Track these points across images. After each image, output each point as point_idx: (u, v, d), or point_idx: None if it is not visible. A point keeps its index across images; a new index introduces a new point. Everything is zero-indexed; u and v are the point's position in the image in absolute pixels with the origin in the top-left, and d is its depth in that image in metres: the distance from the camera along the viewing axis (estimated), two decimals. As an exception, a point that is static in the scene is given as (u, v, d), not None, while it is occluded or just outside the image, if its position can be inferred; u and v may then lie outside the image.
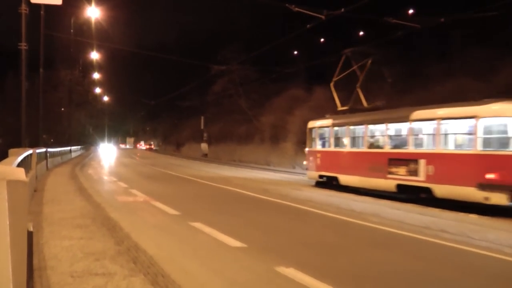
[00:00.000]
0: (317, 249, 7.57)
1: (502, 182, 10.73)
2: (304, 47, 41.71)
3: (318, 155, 18.28)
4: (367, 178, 15.27)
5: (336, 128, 17.40)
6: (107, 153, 45.01)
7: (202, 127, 57.64)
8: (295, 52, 44.50)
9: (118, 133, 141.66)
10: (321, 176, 17.97)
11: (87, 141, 77.43)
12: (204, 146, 56.26)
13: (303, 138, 22.75)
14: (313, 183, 18.75)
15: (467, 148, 11.69)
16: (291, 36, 27.42)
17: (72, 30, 42.32)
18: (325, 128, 18.03)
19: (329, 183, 17.47)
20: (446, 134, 12.54)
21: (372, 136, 15.52)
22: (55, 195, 13.59)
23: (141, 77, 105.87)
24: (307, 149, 19.18)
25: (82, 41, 43.14)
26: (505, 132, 11.27)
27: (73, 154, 44.82)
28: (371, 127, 15.55)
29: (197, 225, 9.42)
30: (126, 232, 8.30)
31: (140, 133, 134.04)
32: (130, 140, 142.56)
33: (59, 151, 35.09)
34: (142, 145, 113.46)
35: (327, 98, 33.18)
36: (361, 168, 15.56)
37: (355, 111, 17.48)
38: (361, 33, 36.85)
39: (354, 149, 16.25)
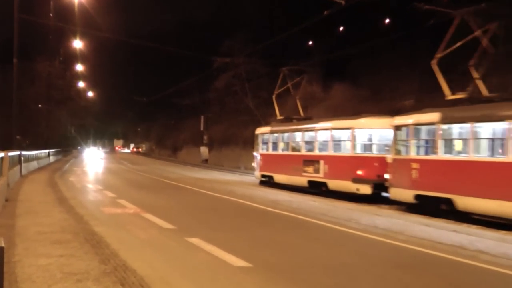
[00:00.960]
0: (332, 270, 7.59)
1: (367, 177, 17.38)
2: (321, 38, 41.74)
3: (260, 157, 24.21)
4: (290, 176, 21.40)
5: (273, 135, 23.37)
6: (92, 157, 45.24)
7: (202, 128, 57.72)
8: (310, 43, 44.57)
9: (105, 135, 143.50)
10: (263, 176, 23.90)
11: (68, 144, 78.14)
12: (204, 150, 56.41)
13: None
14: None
15: (345, 152, 18.31)
16: (306, 25, 27.33)
17: (51, 15, 42.48)
18: (266, 135, 24.15)
19: (268, 182, 23.40)
20: (335, 141, 19.07)
21: (294, 142, 21.54)
22: (30, 205, 13.65)
23: (133, 71, 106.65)
24: (254, 153, 25.29)
25: (63, 28, 43.31)
26: (370, 139, 17.94)
27: (52, 159, 45.12)
28: (294, 134, 21.54)
29: (195, 241, 9.44)
30: (113, 249, 8.31)
31: (131, 135, 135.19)
32: (119, 143, 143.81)
33: (36, 154, 35.27)
34: (122, 148, 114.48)
35: (346, 97, 33.29)
36: (287, 168, 21.57)
37: (290, 120, 23.66)
38: (387, 20, 36.86)
39: (283, 153, 22.42)
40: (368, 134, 18.37)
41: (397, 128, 15.91)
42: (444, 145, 14.05)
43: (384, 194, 17.20)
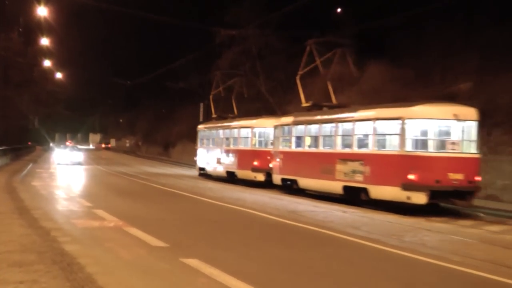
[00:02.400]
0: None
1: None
2: (353, 3, 41.57)
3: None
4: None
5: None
6: (63, 157, 45.27)
7: (201, 119, 57.80)
8: (339, 11, 44.33)
9: (80, 129, 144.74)
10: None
11: (31, 139, 78.72)
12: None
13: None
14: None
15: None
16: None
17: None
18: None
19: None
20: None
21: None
22: (-18, 217, 13.72)
23: (114, 46, 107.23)
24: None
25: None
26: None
27: (9, 158, 45.31)
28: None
29: (193, 262, 9.44)
30: (88, 273, 8.29)
31: (112, 128, 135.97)
32: (95, 137, 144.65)
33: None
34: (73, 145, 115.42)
35: (384, 80, 33.14)
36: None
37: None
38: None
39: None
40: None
41: (275, 127, 26.23)
42: (295, 140, 24.47)
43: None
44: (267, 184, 26.63)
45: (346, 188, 20.40)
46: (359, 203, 19.55)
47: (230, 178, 30.61)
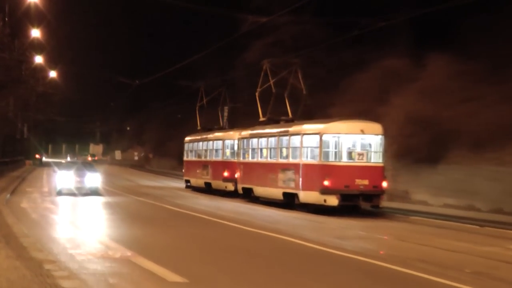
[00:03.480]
0: None
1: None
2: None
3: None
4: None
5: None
6: (67, 181, 45.48)
7: (222, 123, 57.85)
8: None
9: (78, 138, 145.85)
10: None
11: (18, 151, 79.10)
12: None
13: (408, 144, 31.58)
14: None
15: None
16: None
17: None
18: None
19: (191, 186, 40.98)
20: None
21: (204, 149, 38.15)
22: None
23: (118, 39, 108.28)
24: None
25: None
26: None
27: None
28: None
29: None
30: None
31: (115, 137, 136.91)
32: (97, 148, 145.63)
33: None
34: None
35: (450, 74, 32.74)
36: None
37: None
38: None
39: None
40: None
41: (238, 139, 33.99)
42: (250, 152, 32.01)
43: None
44: (236, 194, 33.39)
45: (284, 194, 27.61)
46: (294, 207, 26.79)
47: (207, 188, 38.10)
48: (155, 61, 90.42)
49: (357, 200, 25.06)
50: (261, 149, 31.54)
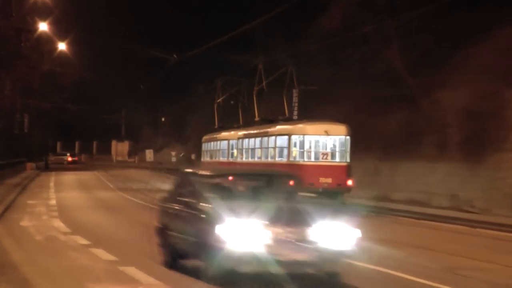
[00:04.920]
0: None
1: None
2: None
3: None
4: None
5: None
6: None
7: (290, 114, 57.90)
8: None
9: (97, 132, 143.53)
10: None
11: (19, 150, 79.22)
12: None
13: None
14: None
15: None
16: None
17: None
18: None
19: None
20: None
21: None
22: None
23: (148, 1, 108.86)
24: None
25: None
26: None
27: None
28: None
29: None
30: None
31: (145, 131, 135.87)
32: (122, 146, 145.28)
33: None
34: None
35: None
36: None
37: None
38: None
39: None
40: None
41: (237, 139, 45.34)
42: (244, 152, 44.24)
43: None
44: None
45: None
46: None
47: None
48: (200, 30, 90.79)
49: (320, 197, 34.87)
50: (251, 150, 42.72)
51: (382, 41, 47.51)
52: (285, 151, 36.56)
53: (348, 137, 36.48)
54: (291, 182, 27.96)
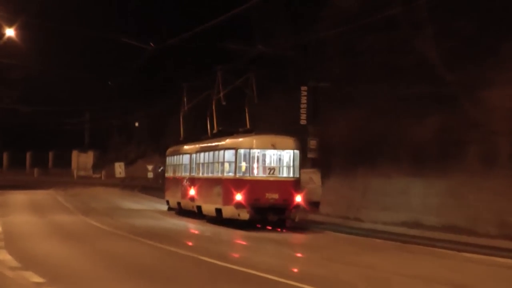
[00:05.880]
0: None
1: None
2: None
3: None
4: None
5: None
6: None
7: (302, 117, 58.06)
8: None
9: (55, 140, 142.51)
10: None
11: None
12: (311, 176, 56.77)
13: None
14: None
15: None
16: None
17: None
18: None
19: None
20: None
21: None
22: None
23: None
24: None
25: None
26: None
27: None
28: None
29: None
30: None
31: (114, 139, 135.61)
32: (85, 158, 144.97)
33: None
34: None
35: None
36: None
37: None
38: None
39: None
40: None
41: (166, 155, 65.57)
42: (201, 167, 52.19)
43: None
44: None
45: (216, 209, 45.12)
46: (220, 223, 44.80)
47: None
48: (182, 13, 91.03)
49: (267, 213, 41.60)
50: (206, 164, 49.57)
51: (412, 27, 47.51)
52: (232, 166, 43.02)
53: (297, 151, 43.11)
54: (240, 197, 41.23)
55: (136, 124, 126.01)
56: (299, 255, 31.36)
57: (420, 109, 47.02)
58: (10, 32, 64.68)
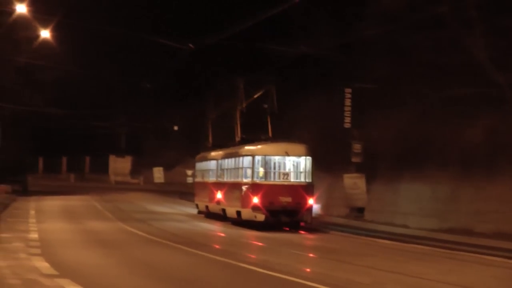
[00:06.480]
0: None
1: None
2: None
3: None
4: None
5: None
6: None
7: (347, 124, 57.99)
8: None
9: (90, 146, 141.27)
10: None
11: None
12: (354, 181, 56.73)
13: None
14: None
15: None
16: None
17: None
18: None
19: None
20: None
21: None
22: None
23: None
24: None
25: None
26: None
27: None
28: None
29: None
30: None
31: (152, 143, 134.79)
32: (122, 164, 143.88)
33: None
34: None
35: None
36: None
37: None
38: None
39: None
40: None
41: (196, 160, 72.05)
42: (215, 172, 61.78)
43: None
44: None
45: (237, 212, 50.65)
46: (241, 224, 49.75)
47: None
48: (221, 12, 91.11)
49: (281, 215, 46.76)
50: (229, 170, 55.22)
51: (460, 25, 47.24)
52: (249, 171, 48.72)
53: (308, 157, 48.20)
54: (257, 200, 46.60)
55: (175, 127, 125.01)
56: (345, 263, 30.93)
57: (469, 111, 46.77)
58: (45, 33, 64.71)
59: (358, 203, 56.91)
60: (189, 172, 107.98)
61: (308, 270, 30.51)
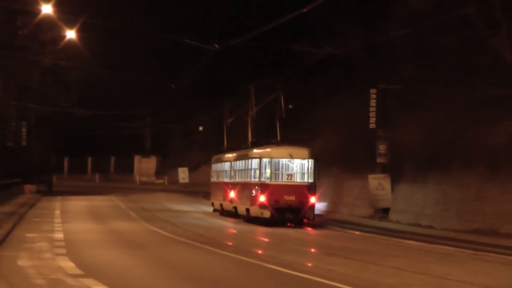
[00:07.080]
0: None
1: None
2: None
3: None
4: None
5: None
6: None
7: (373, 124, 57.74)
8: None
9: (115, 147, 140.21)
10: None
11: (14, 169, 78.53)
12: (380, 182, 56.41)
13: None
14: None
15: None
16: None
17: None
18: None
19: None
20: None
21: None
22: None
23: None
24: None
25: None
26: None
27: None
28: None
29: None
30: None
31: (178, 143, 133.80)
32: (147, 164, 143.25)
33: None
34: None
35: None
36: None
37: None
38: None
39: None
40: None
41: (212, 162, 77.79)
42: (228, 173, 66.65)
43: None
44: None
45: (246, 209, 55.12)
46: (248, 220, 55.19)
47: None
48: (246, 12, 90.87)
49: (285, 213, 51.14)
50: (240, 170, 59.36)
51: (487, 26, 47.02)
52: (257, 172, 53.46)
53: (311, 160, 52.54)
54: (263, 198, 51.18)
55: (200, 128, 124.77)
56: (373, 264, 30.95)
57: (495, 112, 46.60)
58: (71, 34, 64.63)
59: (383, 204, 56.67)
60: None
61: (332, 270, 29.25)
